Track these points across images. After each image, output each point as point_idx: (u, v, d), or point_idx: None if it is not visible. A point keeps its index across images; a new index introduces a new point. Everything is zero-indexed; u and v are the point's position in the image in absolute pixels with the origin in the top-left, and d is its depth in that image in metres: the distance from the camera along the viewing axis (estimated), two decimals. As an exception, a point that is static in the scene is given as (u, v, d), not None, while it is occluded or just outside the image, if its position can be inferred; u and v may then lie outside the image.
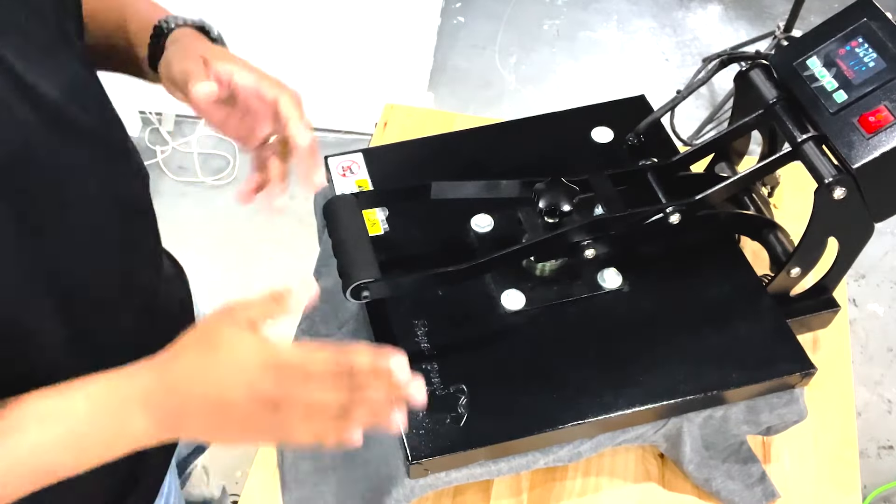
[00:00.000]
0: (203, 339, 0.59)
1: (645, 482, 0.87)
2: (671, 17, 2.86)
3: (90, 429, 0.57)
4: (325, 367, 0.58)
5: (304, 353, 0.58)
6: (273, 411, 0.57)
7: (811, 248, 0.84)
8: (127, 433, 0.58)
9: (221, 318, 0.59)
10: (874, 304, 2.13)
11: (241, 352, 0.57)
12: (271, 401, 0.57)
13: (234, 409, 0.57)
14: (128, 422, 0.57)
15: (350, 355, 0.58)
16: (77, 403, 0.57)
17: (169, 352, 0.59)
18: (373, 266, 0.77)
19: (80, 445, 0.57)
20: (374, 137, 1.18)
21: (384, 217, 0.92)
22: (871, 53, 0.79)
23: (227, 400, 0.57)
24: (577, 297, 0.86)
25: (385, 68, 2.28)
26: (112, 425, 0.57)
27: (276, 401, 0.57)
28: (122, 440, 0.58)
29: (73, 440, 0.57)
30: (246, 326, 0.58)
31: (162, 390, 0.58)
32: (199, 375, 0.58)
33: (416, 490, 0.79)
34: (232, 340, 0.58)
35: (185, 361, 0.58)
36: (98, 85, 0.69)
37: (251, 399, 0.57)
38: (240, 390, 0.57)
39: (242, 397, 0.57)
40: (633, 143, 0.99)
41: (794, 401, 0.84)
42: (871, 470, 1.82)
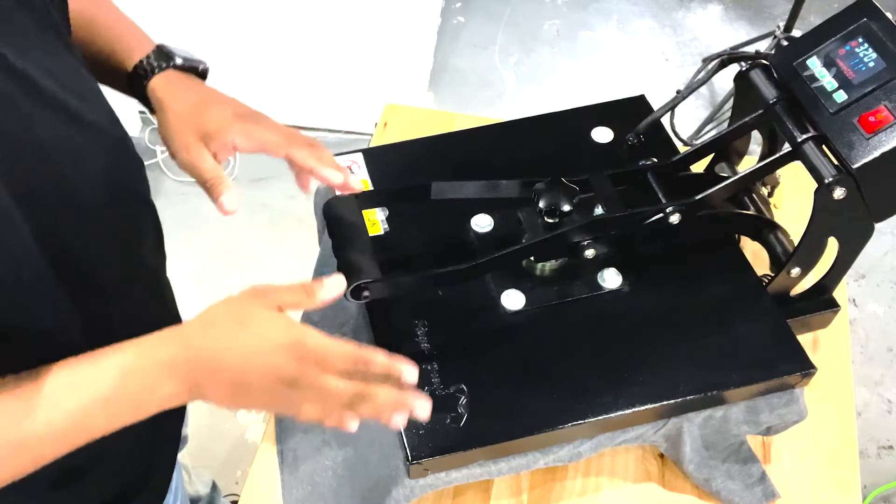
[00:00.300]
0: (234, 314, 0.62)
1: (645, 482, 0.87)
2: (671, 17, 2.86)
3: (121, 394, 0.59)
4: (344, 358, 0.62)
5: (328, 341, 0.62)
6: (289, 387, 0.61)
7: (811, 248, 0.84)
8: (155, 396, 0.61)
9: (253, 296, 0.63)
10: (874, 304, 2.13)
11: (270, 329, 0.61)
12: (290, 378, 0.61)
13: (255, 381, 0.61)
14: (157, 386, 0.60)
15: (369, 353, 0.63)
16: (109, 370, 0.59)
17: (198, 322, 0.63)
18: (373, 266, 0.77)
19: (111, 409, 0.60)
20: (374, 137, 1.18)
21: (384, 217, 0.92)
22: (871, 53, 0.79)
23: (250, 372, 0.61)
24: (577, 297, 0.86)
25: (385, 68, 2.28)
26: (142, 390, 0.60)
27: (294, 379, 0.61)
28: (150, 403, 0.61)
29: (106, 405, 0.59)
30: (275, 308, 0.63)
31: (190, 358, 0.61)
32: (227, 347, 0.61)
33: (416, 490, 0.79)
34: (262, 318, 0.62)
35: (214, 333, 0.61)
36: (90, 76, 0.69)
37: (272, 374, 0.61)
38: (263, 365, 0.61)
39: (264, 372, 0.61)
40: (633, 143, 0.99)
41: (794, 401, 0.84)
42: (871, 470, 1.82)
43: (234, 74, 2.30)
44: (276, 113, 2.26)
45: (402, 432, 0.76)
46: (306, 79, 2.30)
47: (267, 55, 2.26)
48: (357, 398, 0.62)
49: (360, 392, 0.62)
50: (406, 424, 0.70)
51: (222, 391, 0.62)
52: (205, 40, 2.23)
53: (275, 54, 2.26)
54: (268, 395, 0.62)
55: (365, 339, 0.88)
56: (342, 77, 2.29)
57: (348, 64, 2.26)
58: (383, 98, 1.31)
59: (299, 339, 0.61)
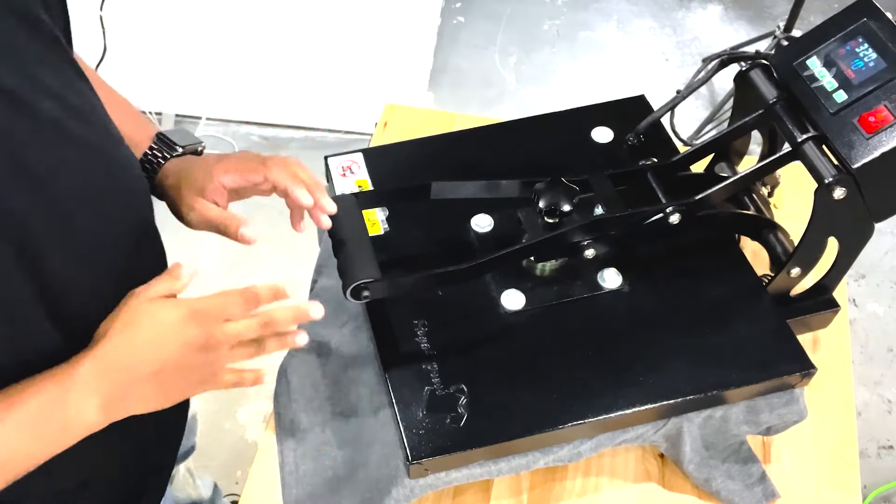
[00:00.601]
0: (123, 321, 0.65)
1: (645, 482, 0.87)
2: (671, 17, 2.86)
3: (41, 422, 0.61)
4: (235, 302, 0.66)
5: (213, 296, 0.66)
6: (204, 352, 0.65)
7: (811, 248, 0.83)
8: (76, 420, 0.62)
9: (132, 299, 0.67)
10: (874, 304, 2.13)
11: (160, 312, 0.65)
12: (200, 344, 0.64)
13: (170, 363, 0.64)
14: (74, 410, 0.62)
15: (251, 287, 0.68)
16: (27, 402, 0.61)
17: (97, 340, 0.65)
18: (373, 266, 0.77)
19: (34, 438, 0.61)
20: (374, 137, 1.18)
21: (384, 217, 0.92)
22: (871, 53, 0.79)
23: (164, 356, 0.64)
24: (577, 297, 0.86)
25: (385, 68, 2.28)
26: (61, 416, 0.62)
27: (204, 342, 0.64)
28: (73, 427, 0.63)
29: (28, 434, 0.61)
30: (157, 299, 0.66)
31: (100, 374, 0.63)
32: (130, 350, 0.64)
33: (416, 490, 0.79)
34: (148, 311, 0.65)
35: (113, 343, 0.64)
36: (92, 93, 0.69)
37: (183, 347, 0.64)
38: (171, 344, 0.64)
39: (175, 349, 0.64)
40: (633, 143, 0.99)
41: (794, 401, 0.84)
42: (871, 470, 1.82)
43: (234, 75, 2.30)
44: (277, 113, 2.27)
45: (402, 432, 0.76)
46: (306, 79, 2.30)
47: (267, 55, 2.26)
48: (263, 326, 0.67)
49: (263, 320, 0.67)
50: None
51: (146, 389, 0.64)
52: (205, 41, 2.23)
53: (275, 54, 2.25)
54: (187, 371, 0.65)
55: (365, 339, 0.88)
56: (342, 77, 2.29)
57: (348, 64, 2.26)
58: (383, 98, 1.31)
59: (189, 306, 0.65)
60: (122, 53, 2.16)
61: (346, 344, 0.89)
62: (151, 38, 2.22)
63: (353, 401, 0.85)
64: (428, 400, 0.78)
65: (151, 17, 2.19)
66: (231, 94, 2.37)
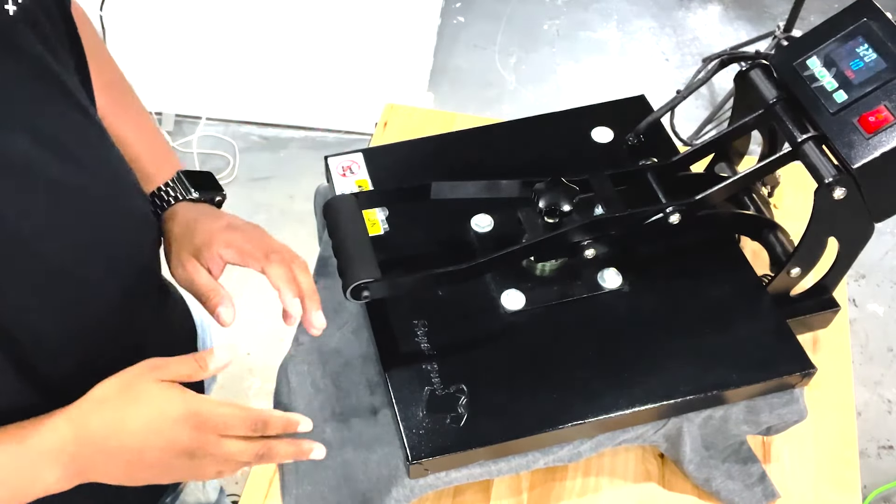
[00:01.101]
0: (124, 393, 0.61)
1: (645, 482, 0.87)
2: (671, 17, 2.86)
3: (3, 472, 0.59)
4: (242, 424, 0.62)
5: (224, 409, 0.62)
6: (189, 458, 0.62)
7: (811, 248, 0.83)
8: (37, 483, 0.60)
9: (145, 371, 0.62)
10: (874, 304, 2.13)
11: (165, 403, 0.61)
12: (187, 450, 0.61)
13: (154, 457, 0.61)
14: (39, 473, 0.60)
15: (264, 415, 0.64)
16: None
17: (86, 404, 0.61)
18: (373, 266, 0.77)
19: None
20: (374, 137, 1.18)
21: (384, 217, 0.92)
22: (871, 53, 0.79)
23: (148, 449, 0.60)
24: (577, 297, 0.86)
25: (385, 68, 2.28)
26: (23, 477, 0.59)
27: (192, 450, 0.61)
28: (32, 489, 0.60)
29: None
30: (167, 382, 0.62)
31: (76, 444, 0.60)
32: (117, 429, 0.60)
33: (416, 490, 0.79)
34: (152, 394, 0.61)
35: (103, 415, 0.60)
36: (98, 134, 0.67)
37: (171, 448, 0.61)
38: (162, 440, 0.60)
39: (163, 447, 0.61)
40: (633, 143, 0.99)
41: (794, 401, 0.84)
42: (871, 470, 1.82)
43: (234, 75, 2.31)
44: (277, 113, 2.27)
45: (402, 432, 0.76)
46: (306, 79, 2.30)
47: (267, 55, 2.26)
48: (256, 456, 0.64)
49: (261, 452, 0.64)
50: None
51: (118, 470, 0.61)
52: (205, 41, 2.23)
53: (275, 54, 2.26)
54: (167, 469, 0.62)
55: (365, 339, 0.88)
56: (342, 77, 2.29)
57: (348, 64, 2.26)
58: (383, 98, 1.31)
59: (195, 410, 0.61)
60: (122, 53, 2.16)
61: (346, 344, 0.89)
62: (151, 38, 2.23)
63: (353, 401, 0.85)
64: (428, 400, 0.78)
65: (151, 17, 2.19)
66: (231, 94, 2.37)
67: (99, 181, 0.66)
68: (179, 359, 0.63)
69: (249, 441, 0.63)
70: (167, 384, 0.62)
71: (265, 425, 0.64)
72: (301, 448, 0.67)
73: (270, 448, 0.65)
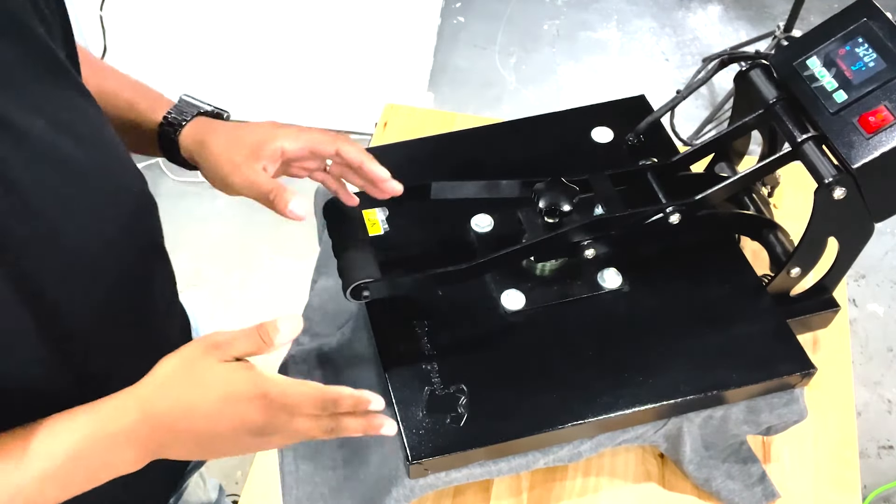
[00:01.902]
0: (189, 374, 0.60)
1: (645, 482, 0.87)
2: (671, 17, 2.86)
3: (75, 465, 0.59)
4: (311, 402, 0.61)
5: (293, 388, 0.61)
6: (258, 435, 0.61)
7: (811, 248, 0.84)
8: (111, 466, 0.60)
9: (208, 350, 0.61)
10: (874, 304, 2.13)
11: (231, 385, 0.60)
12: (258, 428, 0.60)
13: (222, 436, 0.60)
14: (113, 456, 0.60)
15: (335, 392, 0.62)
16: (62, 442, 0.58)
17: (151, 386, 0.61)
18: (373, 266, 0.77)
19: (65, 480, 0.59)
20: (374, 137, 1.18)
21: (384, 217, 0.92)
22: (871, 53, 0.79)
23: (216, 429, 0.60)
24: (577, 297, 0.86)
25: (385, 68, 2.28)
26: (97, 461, 0.59)
27: (263, 428, 0.61)
28: (106, 472, 0.61)
29: (59, 476, 0.58)
30: (232, 360, 0.61)
31: (148, 427, 0.59)
32: (185, 412, 0.60)
33: (416, 490, 0.79)
34: (220, 374, 0.60)
35: (171, 397, 0.60)
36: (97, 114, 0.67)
37: (240, 427, 0.60)
38: (230, 421, 0.60)
39: (231, 427, 0.60)
40: (633, 143, 0.99)
41: (794, 401, 0.84)
42: (871, 470, 1.82)
43: (234, 74, 2.30)
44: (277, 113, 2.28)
45: (402, 432, 0.76)
46: (306, 79, 2.30)
47: (267, 55, 2.26)
48: (324, 432, 0.63)
49: (330, 428, 0.63)
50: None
51: (185, 450, 0.62)
52: (205, 41, 2.23)
53: (275, 54, 2.25)
54: (237, 445, 0.62)
55: (365, 340, 0.88)
56: (342, 77, 2.29)
57: (348, 64, 2.26)
58: (383, 98, 1.31)
59: (263, 390, 0.60)
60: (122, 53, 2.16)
61: (346, 344, 0.89)
62: (151, 38, 2.23)
63: (353, 401, 0.85)
64: (428, 400, 0.78)
65: (151, 17, 2.19)
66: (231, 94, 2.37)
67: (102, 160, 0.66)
68: (242, 333, 0.62)
69: (318, 418, 0.62)
70: (232, 364, 0.61)
71: (335, 404, 0.62)
72: (372, 423, 0.65)
73: (339, 423, 0.63)
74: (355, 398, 0.63)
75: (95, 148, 0.65)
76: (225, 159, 0.75)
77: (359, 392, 0.63)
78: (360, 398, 0.63)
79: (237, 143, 0.75)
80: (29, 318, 0.60)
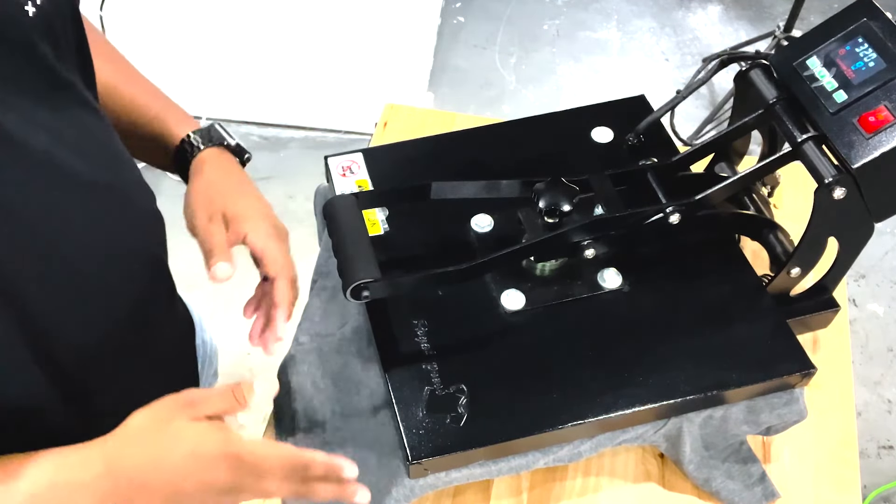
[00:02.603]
0: (159, 430, 0.60)
1: (645, 482, 0.87)
2: (671, 17, 2.86)
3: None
4: (282, 465, 0.61)
5: (265, 449, 0.61)
6: (225, 494, 0.61)
7: (811, 248, 0.84)
8: None
9: (181, 408, 0.61)
10: (874, 304, 2.13)
11: (202, 445, 0.59)
12: (224, 489, 0.60)
13: (187, 494, 0.60)
14: None
15: (307, 457, 0.62)
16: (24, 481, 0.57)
17: (122, 438, 0.60)
18: (373, 266, 0.77)
19: None
20: (374, 137, 1.18)
21: (384, 217, 0.92)
22: (871, 53, 0.79)
23: (181, 488, 0.59)
24: (577, 297, 0.86)
25: (385, 68, 2.28)
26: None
27: (229, 488, 0.60)
28: None
29: None
30: (204, 419, 0.61)
31: (111, 481, 0.58)
32: (153, 468, 0.59)
33: (416, 490, 0.79)
34: (190, 433, 0.60)
35: (138, 452, 0.59)
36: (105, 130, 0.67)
37: (205, 487, 0.60)
38: (198, 481, 0.59)
39: (197, 485, 0.59)
40: (633, 143, 0.99)
41: (794, 401, 0.84)
42: (871, 470, 1.82)
43: (234, 74, 2.31)
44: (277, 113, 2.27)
45: (402, 432, 0.76)
46: (306, 79, 2.30)
47: (267, 55, 2.26)
48: (294, 495, 0.62)
49: (298, 491, 0.62)
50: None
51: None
52: (205, 41, 2.23)
53: (275, 54, 2.26)
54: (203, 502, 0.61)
55: (365, 339, 0.88)
56: (342, 77, 2.29)
57: (348, 64, 2.27)
58: (383, 98, 1.31)
59: (235, 452, 0.60)
60: (121, 53, 2.16)
61: (346, 344, 0.89)
62: (151, 39, 2.23)
63: (352, 401, 0.85)
64: (428, 400, 0.78)
65: (151, 17, 2.19)
66: (231, 94, 2.37)
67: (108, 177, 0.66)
68: (216, 392, 0.62)
69: (289, 481, 0.62)
70: (204, 423, 0.60)
71: (306, 469, 0.62)
72: (345, 491, 0.65)
73: (310, 487, 0.63)
74: (328, 465, 0.62)
75: (101, 164, 0.65)
76: (206, 202, 0.75)
77: (331, 458, 0.63)
78: (332, 465, 0.63)
79: (225, 198, 0.76)
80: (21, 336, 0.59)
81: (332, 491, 0.64)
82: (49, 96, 0.61)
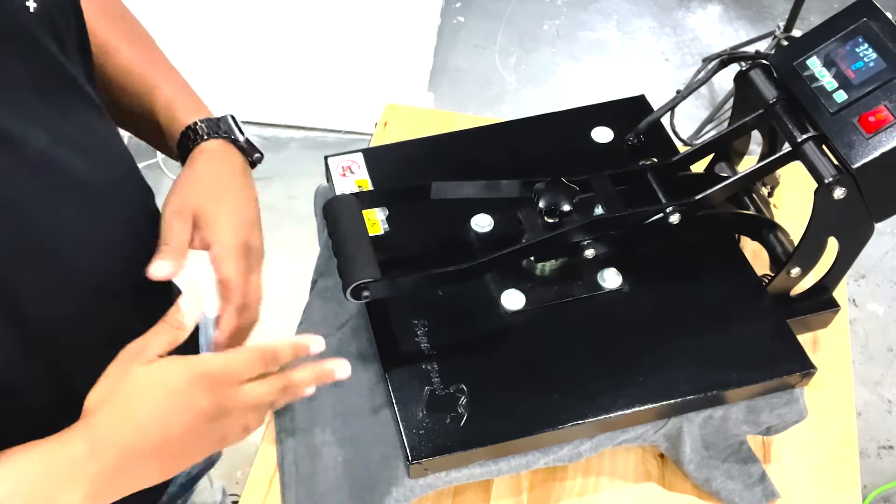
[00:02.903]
0: (119, 390, 0.58)
1: (645, 482, 0.87)
2: (671, 17, 2.86)
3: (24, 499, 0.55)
4: (251, 363, 0.60)
5: (228, 356, 0.60)
6: (217, 420, 0.58)
7: (811, 248, 0.84)
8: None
9: (129, 362, 0.59)
10: (874, 304, 2.13)
11: (167, 381, 0.57)
12: (209, 414, 0.58)
13: (176, 437, 0.57)
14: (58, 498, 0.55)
15: (271, 346, 0.61)
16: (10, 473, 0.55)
17: (90, 414, 0.57)
18: (373, 266, 0.77)
19: None
20: (374, 137, 1.18)
21: (384, 217, 0.92)
22: (871, 53, 0.79)
23: (167, 435, 0.57)
24: (577, 297, 0.86)
25: (385, 68, 2.28)
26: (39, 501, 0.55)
27: (218, 409, 0.58)
28: None
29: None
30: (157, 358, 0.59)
31: (94, 457, 0.56)
32: (133, 426, 0.56)
33: (416, 490, 0.79)
34: (151, 376, 0.58)
35: (108, 419, 0.57)
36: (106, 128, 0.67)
37: (195, 419, 0.58)
38: (177, 419, 0.57)
39: (183, 421, 0.57)
40: (633, 143, 0.99)
41: (794, 401, 0.84)
42: (871, 470, 1.82)
43: (234, 74, 2.31)
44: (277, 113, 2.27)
45: (402, 432, 0.76)
46: (306, 79, 2.30)
47: (267, 55, 2.26)
48: (281, 391, 0.62)
49: (282, 385, 0.62)
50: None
51: (146, 467, 0.57)
52: (205, 41, 2.23)
53: (275, 54, 2.26)
54: (199, 441, 0.59)
55: (365, 340, 0.88)
56: (342, 77, 2.29)
57: (348, 64, 2.26)
58: (383, 98, 1.31)
59: (201, 371, 0.58)
60: (122, 53, 2.16)
61: (346, 344, 0.89)
62: (151, 38, 2.22)
63: (353, 401, 0.85)
64: (428, 400, 0.78)
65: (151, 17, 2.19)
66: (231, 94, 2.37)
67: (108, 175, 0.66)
68: (153, 333, 0.60)
69: (266, 380, 0.61)
70: (158, 361, 0.58)
71: (274, 356, 0.61)
72: (323, 370, 0.64)
73: (290, 379, 0.62)
74: (293, 344, 0.63)
75: (101, 162, 0.64)
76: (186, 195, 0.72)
77: (296, 338, 0.63)
78: (297, 343, 0.63)
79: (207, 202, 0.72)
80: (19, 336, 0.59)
81: (310, 375, 0.64)
82: (51, 93, 0.60)
